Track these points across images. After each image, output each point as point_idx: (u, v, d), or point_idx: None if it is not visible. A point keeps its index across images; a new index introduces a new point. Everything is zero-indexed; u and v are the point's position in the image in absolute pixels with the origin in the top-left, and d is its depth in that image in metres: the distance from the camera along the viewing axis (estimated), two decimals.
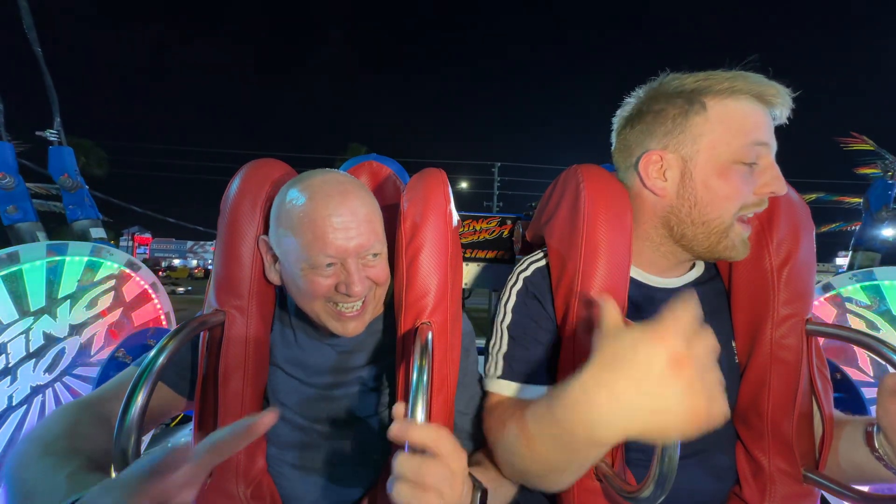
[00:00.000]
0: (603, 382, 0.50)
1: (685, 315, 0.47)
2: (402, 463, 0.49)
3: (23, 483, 0.54)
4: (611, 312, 0.55)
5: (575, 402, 0.52)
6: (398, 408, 0.54)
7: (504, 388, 0.78)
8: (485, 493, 0.60)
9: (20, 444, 0.59)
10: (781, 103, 0.71)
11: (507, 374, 0.79)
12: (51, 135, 1.33)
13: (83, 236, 1.36)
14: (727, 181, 0.70)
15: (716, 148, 0.70)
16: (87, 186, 1.42)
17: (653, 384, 0.46)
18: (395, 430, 0.50)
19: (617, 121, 0.82)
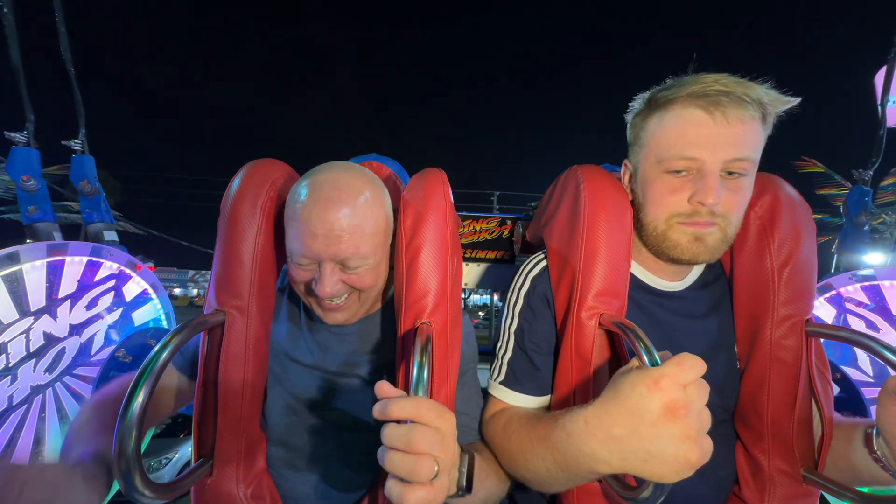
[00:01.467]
0: (603, 421, 0.53)
1: (685, 362, 0.49)
2: (390, 433, 0.48)
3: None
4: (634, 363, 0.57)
5: (578, 434, 0.55)
6: (380, 386, 0.51)
7: (507, 396, 0.80)
8: (472, 457, 0.62)
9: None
10: (731, 107, 0.66)
11: (510, 382, 0.80)
12: (75, 144, 1.45)
13: (97, 238, 1.44)
14: (656, 190, 0.73)
15: (648, 159, 0.74)
16: (104, 193, 1.51)
17: (647, 430, 0.49)
18: (376, 410, 0.50)
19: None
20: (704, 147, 0.68)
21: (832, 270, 1.46)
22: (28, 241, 1.28)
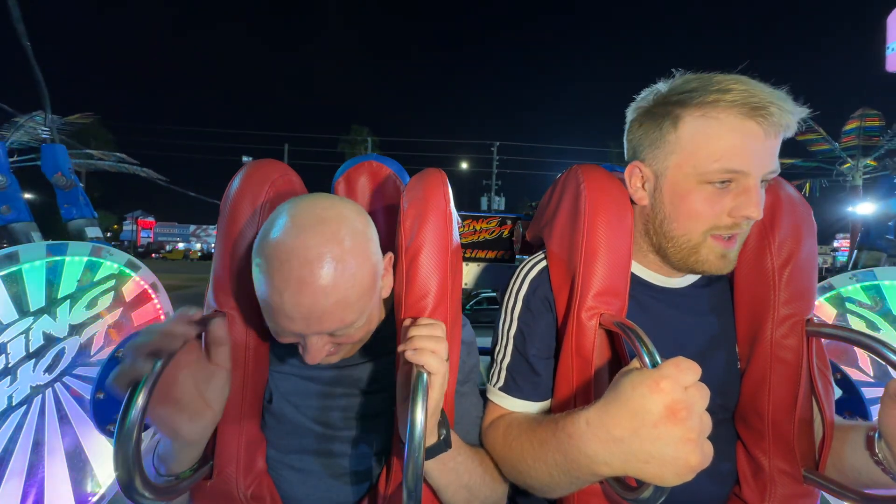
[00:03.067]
0: (605, 422, 0.53)
1: (682, 364, 0.50)
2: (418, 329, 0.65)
3: None
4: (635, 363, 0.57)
5: (580, 436, 0.55)
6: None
7: (507, 403, 0.79)
8: (448, 432, 0.67)
9: None
10: (778, 118, 0.64)
11: (509, 388, 0.80)
12: (43, 132, 1.31)
13: (79, 236, 1.35)
14: (692, 202, 0.69)
15: (682, 168, 0.69)
16: (81, 185, 1.40)
17: (648, 431, 0.49)
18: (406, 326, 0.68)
19: (627, 121, 0.81)
20: (752, 160, 0.64)
21: (850, 267, 1.44)
22: (4, 243, 1.18)
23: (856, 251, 1.45)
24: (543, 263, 0.84)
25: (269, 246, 0.60)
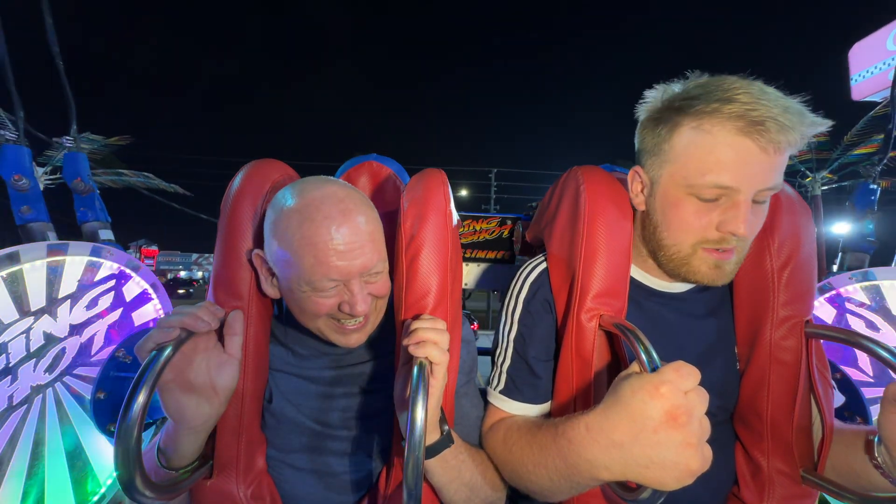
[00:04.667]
0: (605, 427, 0.53)
1: (682, 368, 0.50)
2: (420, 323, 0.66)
3: None
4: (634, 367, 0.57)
5: (580, 440, 0.56)
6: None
7: (506, 405, 0.80)
8: (449, 428, 0.69)
9: None
10: (776, 135, 0.60)
11: (509, 391, 0.80)
12: (67, 141, 1.41)
13: (93, 237, 1.41)
14: (682, 213, 0.68)
15: (674, 178, 0.68)
16: (98, 190, 1.48)
17: (648, 436, 0.49)
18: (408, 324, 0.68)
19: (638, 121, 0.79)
20: (743, 177, 0.62)
21: (835, 270, 1.46)
22: (22, 241, 1.24)
23: (840, 254, 1.48)
24: (543, 265, 0.84)
25: (295, 205, 0.67)
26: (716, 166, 0.63)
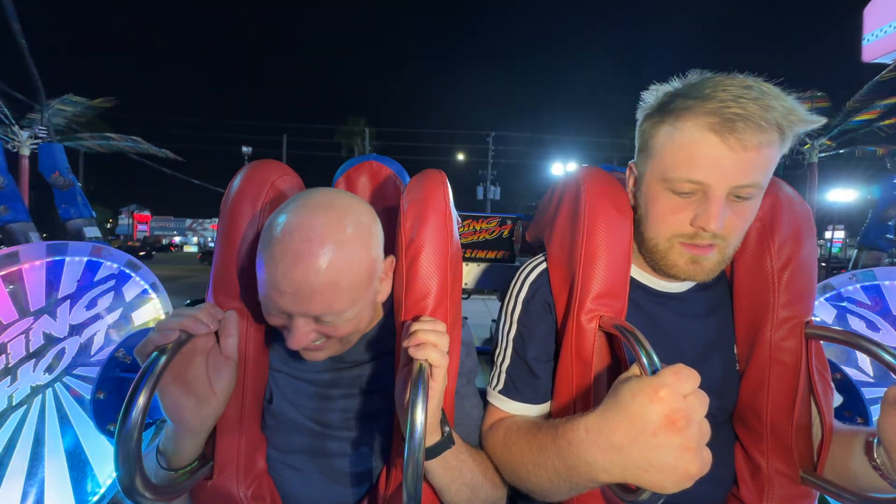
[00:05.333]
0: (604, 430, 0.53)
1: (681, 372, 0.50)
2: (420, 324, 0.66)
3: None
4: (634, 369, 0.57)
5: (579, 442, 0.56)
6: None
7: (506, 405, 0.80)
8: (450, 429, 0.69)
9: None
10: (742, 134, 0.60)
11: (509, 391, 0.80)
12: (40, 131, 1.33)
13: (77, 235, 1.35)
14: (659, 207, 0.70)
15: (654, 173, 0.70)
16: (79, 184, 1.40)
17: (647, 440, 0.49)
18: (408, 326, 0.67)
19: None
20: (713, 172, 0.63)
21: (850, 267, 1.43)
22: (2, 244, 1.20)
23: (857, 250, 1.45)
24: (543, 266, 0.84)
25: (275, 223, 0.63)
26: (687, 161, 0.64)
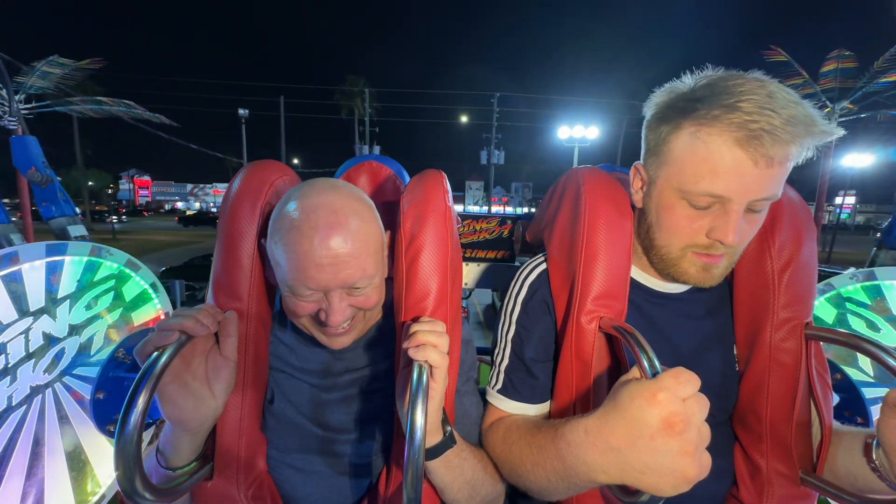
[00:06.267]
0: (603, 432, 0.53)
1: (681, 376, 0.49)
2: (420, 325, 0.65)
3: None
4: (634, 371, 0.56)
5: (578, 444, 0.56)
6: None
7: (504, 405, 0.80)
8: (451, 428, 0.69)
9: None
10: (769, 149, 0.58)
11: (507, 391, 0.80)
12: (10, 123, 1.25)
13: (62, 235, 1.30)
14: (673, 216, 0.68)
15: (669, 181, 0.67)
16: (58, 179, 1.33)
17: (645, 443, 0.49)
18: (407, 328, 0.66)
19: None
20: (735, 186, 0.61)
21: (867, 265, 1.39)
22: None
23: (875, 249, 1.43)
24: (543, 266, 0.84)
25: (289, 211, 0.66)
26: (710, 175, 0.62)
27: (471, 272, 1.36)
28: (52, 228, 1.30)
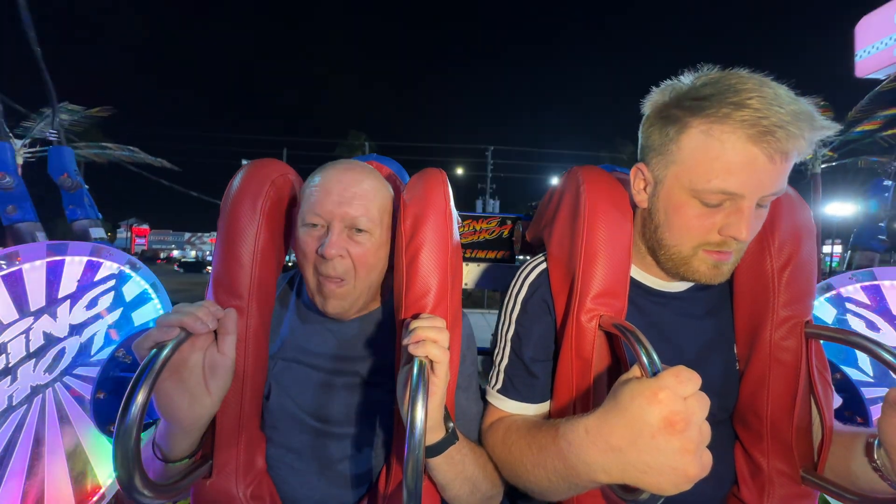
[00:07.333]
0: (603, 431, 0.53)
1: (682, 374, 0.49)
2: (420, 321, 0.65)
3: None
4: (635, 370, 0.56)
5: (579, 443, 0.56)
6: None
7: (504, 404, 0.80)
8: (454, 425, 0.71)
9: None
10: (784, 144, 0.59)
11: (507, 391, 0.80)
12: (51, 135, 1.36)
13: (83, 236, 1.37)
14: (684, 215, 0.68)
15: (679, 180, 0.67)
16: (86, 186, 1.42)
17: (646, 442, 0.49)
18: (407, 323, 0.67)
19: (643, 115, 0.77)
20: (749, 182, 0.62)
21: (844, 268, 1.44)
22: (10, 243, 1.21)
23: (850, 251, 1.46)
24: (543, 265, 0.84)
25: (314, 177, 0.78)
26: (723, 172, 0.62)
27: (471, 272, 1.36)
28: (74, 229, 1.37)
